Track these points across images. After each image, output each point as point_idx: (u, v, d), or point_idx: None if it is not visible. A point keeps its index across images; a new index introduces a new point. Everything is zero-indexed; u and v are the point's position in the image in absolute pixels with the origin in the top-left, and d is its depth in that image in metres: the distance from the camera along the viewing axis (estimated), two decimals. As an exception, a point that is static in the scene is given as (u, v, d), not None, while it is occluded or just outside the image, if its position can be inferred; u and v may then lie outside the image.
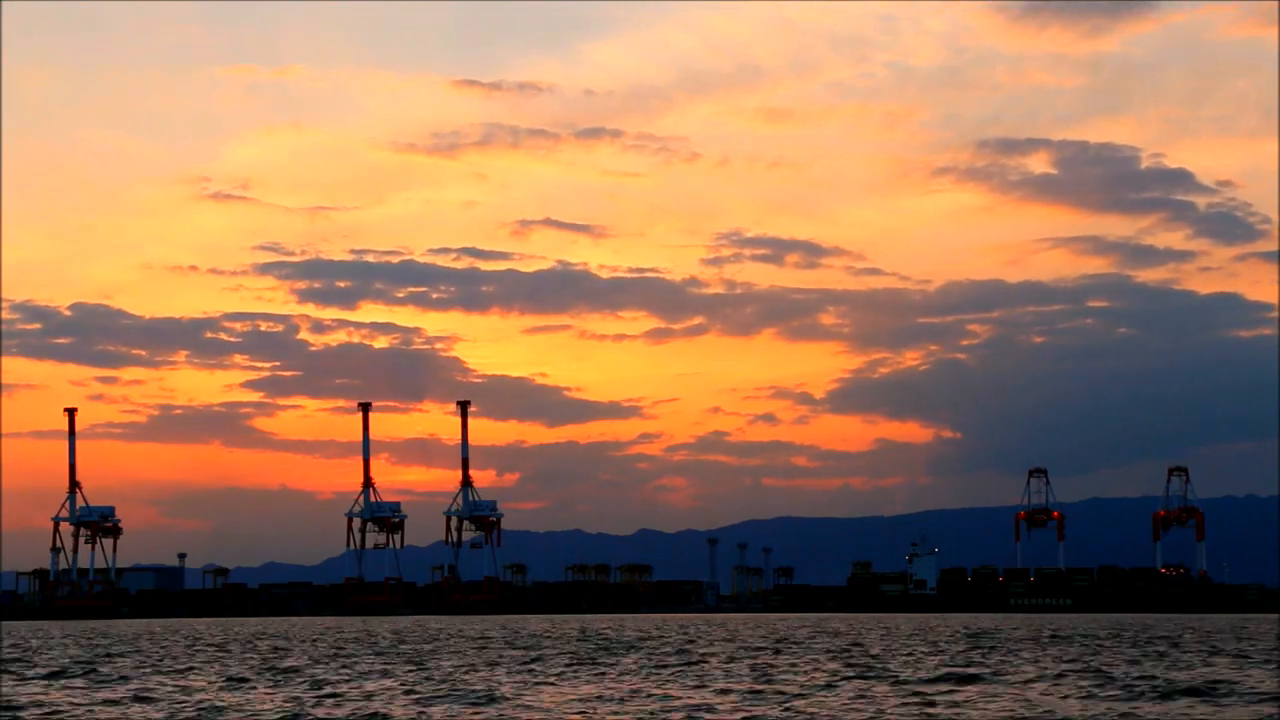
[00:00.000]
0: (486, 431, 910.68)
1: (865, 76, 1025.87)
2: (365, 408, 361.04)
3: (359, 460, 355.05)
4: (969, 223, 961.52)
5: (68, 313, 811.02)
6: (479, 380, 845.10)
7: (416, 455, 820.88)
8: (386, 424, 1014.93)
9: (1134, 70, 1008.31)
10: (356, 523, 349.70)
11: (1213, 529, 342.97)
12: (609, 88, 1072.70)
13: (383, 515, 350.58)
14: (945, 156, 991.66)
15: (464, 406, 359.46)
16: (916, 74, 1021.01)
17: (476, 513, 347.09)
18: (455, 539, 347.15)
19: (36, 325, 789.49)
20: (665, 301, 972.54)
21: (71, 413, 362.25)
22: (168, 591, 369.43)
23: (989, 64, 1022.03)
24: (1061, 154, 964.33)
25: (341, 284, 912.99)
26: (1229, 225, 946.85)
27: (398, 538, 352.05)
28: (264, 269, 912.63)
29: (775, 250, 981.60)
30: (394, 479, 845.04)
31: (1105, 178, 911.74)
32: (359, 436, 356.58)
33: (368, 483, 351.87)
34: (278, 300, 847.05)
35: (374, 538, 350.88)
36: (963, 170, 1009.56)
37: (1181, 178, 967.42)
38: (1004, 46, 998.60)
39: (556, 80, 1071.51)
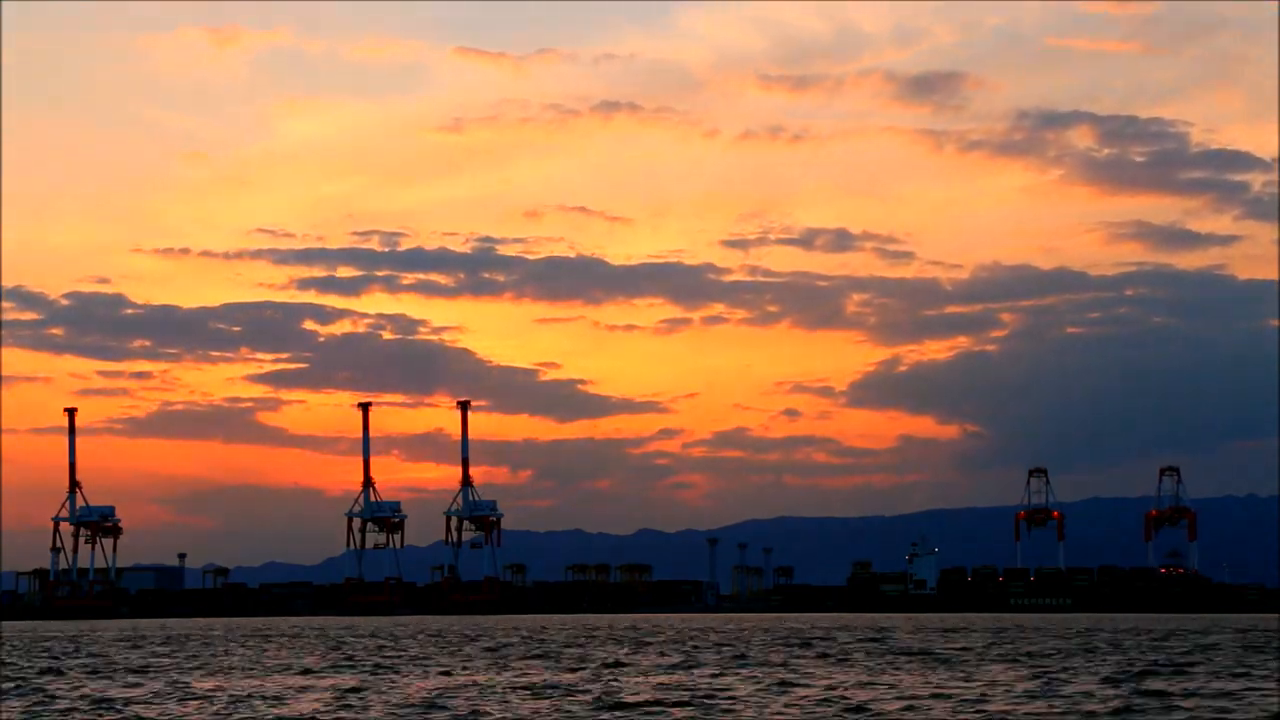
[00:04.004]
0: (497, 426, 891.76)
1: (890, 53, 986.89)
2: (365, 407, 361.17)
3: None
4: (1011, 203, 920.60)
5: (65, 301, 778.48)
6: (494, 370, 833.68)
7: (426, 451, 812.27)
8: (396, 418, 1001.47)
9: (1191, 40, 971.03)
10: (356, 523, 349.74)
11: (1213, 529, 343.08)
12: (629, 53, 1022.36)
13: (383, 515, 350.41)
14: (981, 131, 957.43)
15: (464, 406, 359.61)
16: (947, 47, 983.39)
17: (476, 513, 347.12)
18: (455, 539, 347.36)
19: (33, 315, 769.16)
20: (683, 288, 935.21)
21: (71, 413, 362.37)
22: (168, 591, 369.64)
23: (1031, 34, 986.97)
24: (1107, 129, 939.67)
25: (345, 271, 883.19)
26: (1276, 208, 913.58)
27: (398, 538, 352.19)
28: (264, 255, 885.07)
29: (802, 234, 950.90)
30: (404, 476, 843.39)
31: (1153, 155, 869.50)
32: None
33: (368, 482, 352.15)
34: (278, 287, 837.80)
35: (374, 538, 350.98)
36: (997, 145, 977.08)
37: (1235, 156, 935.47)
38: (1045, 17, 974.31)
39: (576, 49, 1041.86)
